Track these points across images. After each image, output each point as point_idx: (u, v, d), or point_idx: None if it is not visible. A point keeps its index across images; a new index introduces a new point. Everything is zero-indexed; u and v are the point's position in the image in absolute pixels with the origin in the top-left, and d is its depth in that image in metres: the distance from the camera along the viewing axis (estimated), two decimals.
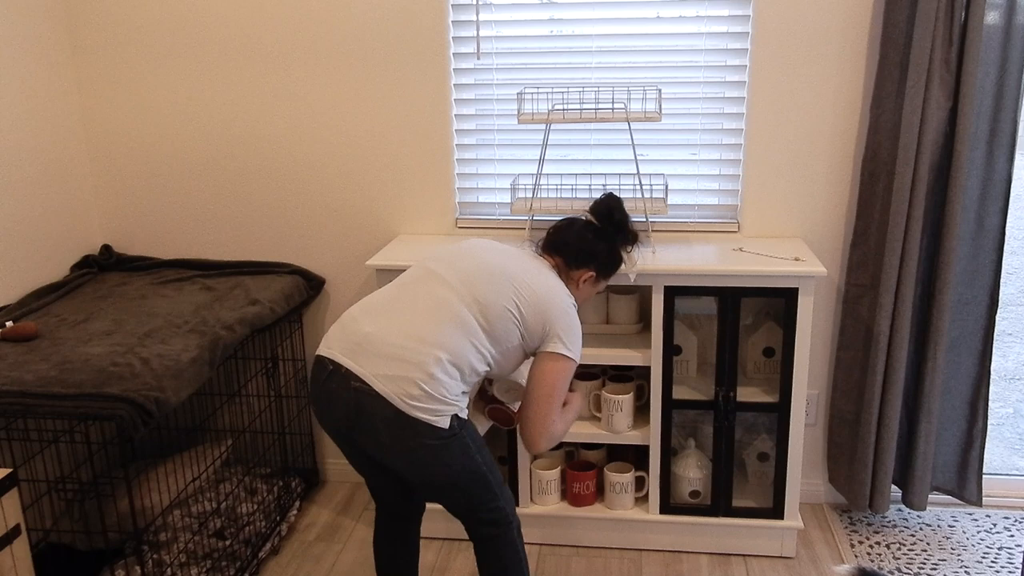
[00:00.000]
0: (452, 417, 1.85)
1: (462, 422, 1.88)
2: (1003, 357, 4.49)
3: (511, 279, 1.94)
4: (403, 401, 1.80)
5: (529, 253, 2.09)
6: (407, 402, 1.80)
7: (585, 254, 2.09)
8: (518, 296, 1.93)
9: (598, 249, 2.10)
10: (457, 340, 1.86)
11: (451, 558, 2.64)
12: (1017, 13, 2.37)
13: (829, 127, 2.60)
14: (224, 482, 2.76)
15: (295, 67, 2.73)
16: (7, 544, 1.81)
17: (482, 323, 1.89)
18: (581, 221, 2.14)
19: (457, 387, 1.86)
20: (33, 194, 2.63)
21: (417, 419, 1.81)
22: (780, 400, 2.47)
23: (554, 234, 2.14)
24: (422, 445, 1.83)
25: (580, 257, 2.09)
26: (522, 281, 1.95)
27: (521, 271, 1.97)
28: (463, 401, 1.89)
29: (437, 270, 1.96)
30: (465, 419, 1.90)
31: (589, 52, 2.65)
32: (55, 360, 2.08)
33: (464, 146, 2.78)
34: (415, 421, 1.80)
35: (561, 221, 2.16)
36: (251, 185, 2.85)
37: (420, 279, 1.96)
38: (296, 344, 2.92)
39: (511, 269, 1.97)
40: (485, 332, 1.90)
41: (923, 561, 2.58)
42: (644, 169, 2.67)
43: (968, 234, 2.55)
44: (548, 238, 2.14)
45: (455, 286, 1.91)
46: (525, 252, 2.08)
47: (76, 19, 2.77)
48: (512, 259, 2.00)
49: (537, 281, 1.97)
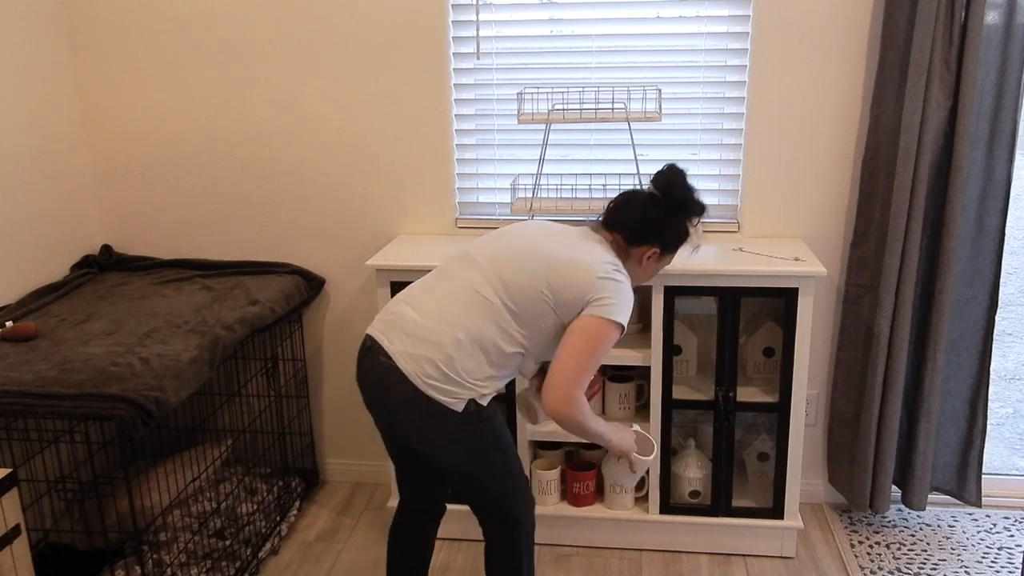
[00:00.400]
0: (469, 402, 1.83)
1: (481, 410, 1.86)
2: (1003, 357, 4.49)
3: (546, 258, 1.88)
4: (421, 380, 1.81)
5: (580, 231, 1.99)
6: (424, 380, 1.81)
7: (647, 230, 1.97)
8: (550, 275, 1.87)
9: (661, 224, 1.97)
10: (480, 322, 1.85)
11: (451, 558, 2.64)
12: (1017, 13, 2.37)
13: (829, 127, 2.60)
14: (224, 482, 2.76)
15: (295, 67, 2.73)
16: (7, 544, 1.81)
17: (509, 305, 1.87)
18: (643, 195, 2.00)
19: (481, 370, 1.84)
20: (33, 194, 2.63)
21: (432, 399, 1.81)
22: (780, 400, 2.47)
23: (613, 211, 2.02)
24: (436, 427, 1.83)
25: (641, 233, 1.97)
26: (558, 259, 1.88)
27: (561, 247, 1.91)
28: (487, 387, 1.87)
29: (472, 253, 1.96)
30: (486, 407, 1.87)
31: (589, 52, 2.65)
32: (55, 360, 2.08)
33: (464, 146, 2.78)
34: (431, 401, 1.81)
35: (620, 196, 2.04)
36: (251, 185, 2.85)
37: (456, 261, 1.98)
38: (296, 344, 2.92)
39: (549, 248, 1.90)
40: (512, 314, 1.87)
41: (923, 561, 2.58)
42: (644, 169, 2.67)
43: (968, 234, 2.55)
44: (607, 215, 2.02)
45: (484, 269, 1.91)
46: (575, 230, 1.99)
47: (76, 19, 2.77)
48: (554, 237, 1.95)
49: (576, 256, 1.89)
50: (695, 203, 1.99)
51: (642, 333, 2.63)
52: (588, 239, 1.97)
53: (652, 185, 2.01)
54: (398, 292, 2.49)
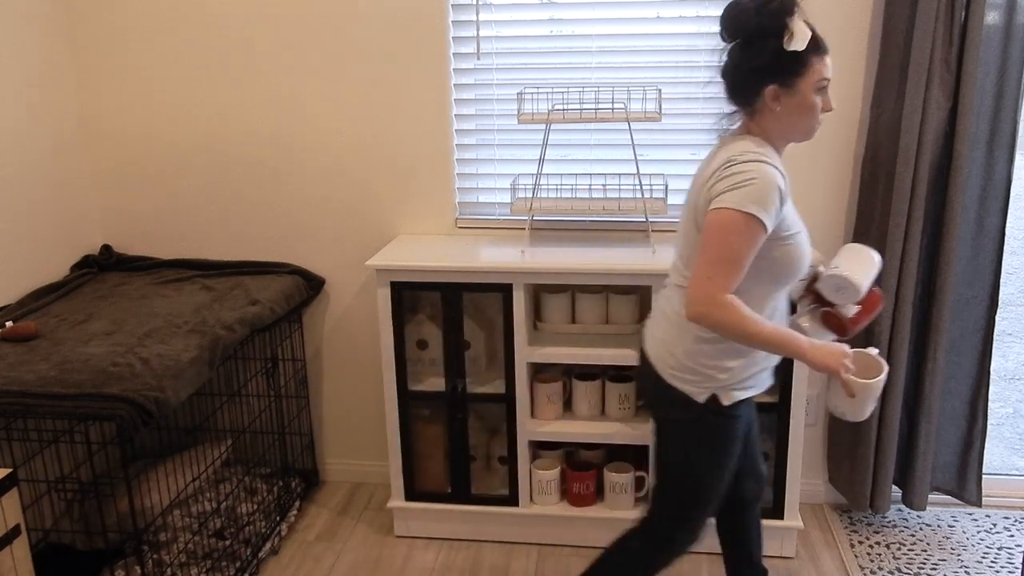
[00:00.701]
0: (710, 398, 1.76)
1: (718, 413, 1.76)
2: (1003, 357, 4.49)
3: (688, 195, 1.80)
4: (659, 363, 1.82)
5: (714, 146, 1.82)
6: (660, 366, 1.81)
7: (742, 77, 1.71)
8: (687, 203, 1.79)
9: (749, 56, 1.69)
10: (677, 300, 1.80)
11: (451, 558, 2.64)
12: (1017, 13, 2.37)
13: (829, 127, 2.60)
14: (224, 482, 2.76)
15: (295, 67, 2.73)
16: (7, 544, 1.81)
17: (679, 265, 1.83)
18: (722, 46, 1.74)
19: (710, 355, 1.74)
20: (33, 194, 2.63)
21: (668, 385, 1.79)
22: (780, 400, 2.47)
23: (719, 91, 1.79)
24: (661, 415, 1.84)
25: (743, 87, 1.73)
26: (692, 184, 1.79)
27: (696, 175, 1.79)
28: (731, 378, 1.75)
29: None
30: (728, 412, 1.76)
31: (589, 52, 2.65)
32: (55, 360, 2.08)
33: (464, 146, 2.78)
34: (666, 386, 1.79)
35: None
36: (251, 185, 2.85)
37: None
38: (296, 344, 2.92)
39: (692, 185, 1.80)
40: (685, 265, 1.79)
41: (923, 561, 2.58)
42: (644, 169, 2.67)
43: (968, 234, 2.55)
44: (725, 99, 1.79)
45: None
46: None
47: (76, 19, 2.77)
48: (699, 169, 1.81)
49: (702, 168, 1.77)
50: (766, 10, 1.65)
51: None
52: (716, 150, 1.77)
53: (721, 36, 1.74)
54: (398, 292, 2.51)
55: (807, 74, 1.68)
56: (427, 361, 2.73)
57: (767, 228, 1.64)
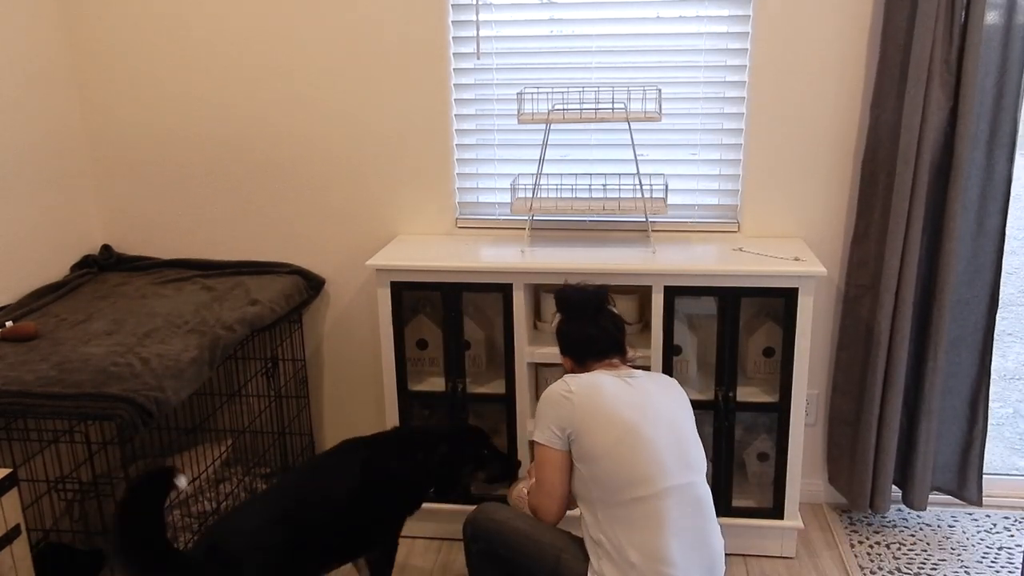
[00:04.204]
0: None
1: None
2: (1003, 357, 4.49)
3: (677, 407, 2.10)
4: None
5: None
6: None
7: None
8: (687, 410, 2.11)
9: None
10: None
11: (451, 558, 2.64)
12: (1017, 13, 2.37)
13: (829, 127, 2.60)
14: (224, 482, 2.76)
15: (295, 68, 2.73)
16: (7, 544, 1.82)
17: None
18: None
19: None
20: (33, 194, 2.63)
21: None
22: (780, 400, 2.47)
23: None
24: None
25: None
26: (675, 399, 2.10)
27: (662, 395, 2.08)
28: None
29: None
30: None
31: (589, 52, 2.65)
32: (55, 360, 2.08)
33: (464, 146, 2.78)
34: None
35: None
36: (251, 185, 2.85)
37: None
38: (296, 344, 2.92)
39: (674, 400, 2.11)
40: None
41: (923, 561, 2.58)
42: (644, 169, 2.67)
43: (968, 234, 2.55)
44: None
45: None
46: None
47: (76, 19, 2.77)
48: None
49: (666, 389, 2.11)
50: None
51: (642, 333, 2.63)
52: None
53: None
54: (398, 292, 2.51)
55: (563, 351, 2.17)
56: (427, 361, 2.73)
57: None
